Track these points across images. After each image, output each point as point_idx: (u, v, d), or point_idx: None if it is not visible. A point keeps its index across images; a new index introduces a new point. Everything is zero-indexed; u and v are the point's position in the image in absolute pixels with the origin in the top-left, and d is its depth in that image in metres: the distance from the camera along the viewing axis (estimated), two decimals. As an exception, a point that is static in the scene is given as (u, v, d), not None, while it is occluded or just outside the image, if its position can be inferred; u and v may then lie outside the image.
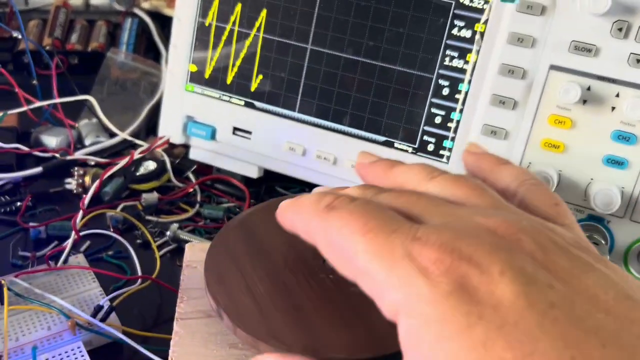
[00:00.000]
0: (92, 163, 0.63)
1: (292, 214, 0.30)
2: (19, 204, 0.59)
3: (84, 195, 0.53)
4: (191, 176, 0.66)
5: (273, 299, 0.38)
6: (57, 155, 0.61)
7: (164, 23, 0.89)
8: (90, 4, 0.97)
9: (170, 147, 0.67)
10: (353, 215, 0.25)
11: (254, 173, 0.64)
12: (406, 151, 0.57)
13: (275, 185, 0.67)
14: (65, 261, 0.52)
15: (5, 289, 0.47)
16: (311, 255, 0.46)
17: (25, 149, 0.62)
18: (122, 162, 0.57)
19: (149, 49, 0.85)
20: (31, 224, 0.57)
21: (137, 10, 0.88)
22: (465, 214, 0.25)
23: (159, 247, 0.57)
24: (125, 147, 0.68)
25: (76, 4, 0.95)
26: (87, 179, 0.61)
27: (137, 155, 0.59)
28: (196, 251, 0.52)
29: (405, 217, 0.25)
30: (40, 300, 0.48)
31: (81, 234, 0.55)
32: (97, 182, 0.54)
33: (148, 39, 0.86)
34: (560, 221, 0.28)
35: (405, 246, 0.23)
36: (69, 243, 0.52)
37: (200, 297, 0.47)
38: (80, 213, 0.51)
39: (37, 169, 0.62)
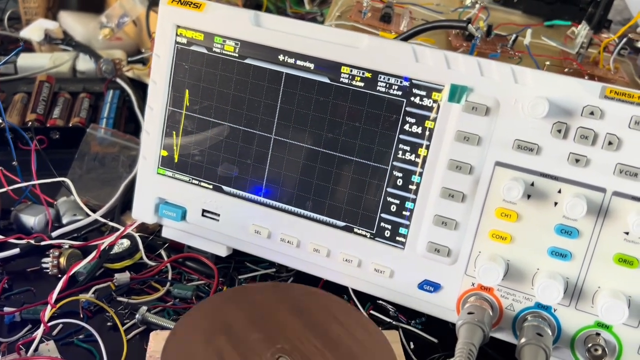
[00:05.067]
0: (67, 245, 0.65)
1: None
2: (-5, 286, 0.62)
3: (52, 291, 0.55)
4: (163, 253, 0.69)
5: None
6: (32, 241, 0.64)
7: (146, 92, 0.92)
8: (77, 70, 1.01)
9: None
10: None
11: (222, 252, 0.66)
12: (365, 236, 0.60)
13: (245, 261, 0.69)
14: (36, 349, 0.54)
15: (-26, 383, 0.49)
16: (267, 349, 0.49)
17: (1, 237, 0.64)
18: (92, 255, 0.60)
19: (130, 119, 0.89)
20: (6, 309, 0.59)
21: (119, 80, 0.92)
22: None
23: (129, 330, 0.59)
24: (101, 225, 0.71)
25: (63, 71, 0.99)
26: (62, 261, 0.64)
27: (105, 246, 0.61)
28: (160, 341, 0.55)
29: None
30: (8, 392, 0.50)
31: (54, 319, 0.57)
32: (65, 277, 0.56)
33: (129, 108, 0.90)
34: None
35: None
36: (38, 333, 0.54)
37: (160, 391, 0.49)
38: (49, 307, 0.54)
39: (15, 250, 0.65)
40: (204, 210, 0.65)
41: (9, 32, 1.15)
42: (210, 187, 0.64)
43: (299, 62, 0.58)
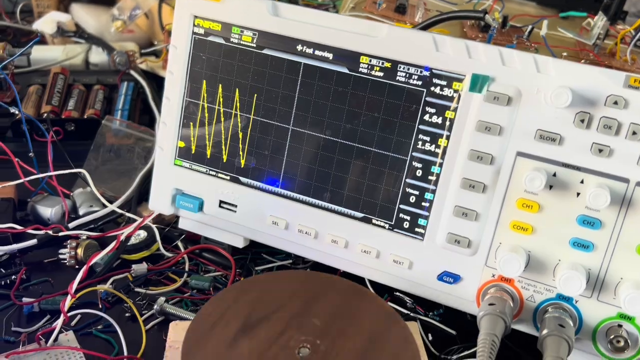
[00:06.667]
0: (84, 236, 0.65)
1: None
2: (13, 277, 0.62)
3: (72, 281, 0.55)
4: (180, 245, 0.69)
5: None
6: (50, 232, 0.64)
7: (160, 84, 0.92)
8: (89, 62, 1.01)
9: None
10: None
11: (239, 243, 0.66)
12: (383, 227, 0.59)
13: (261, 252, 0.69)
14: (56, 340, 0.54)
15: (-5, 373, 0.49)
16: (290, 339, 0.49)
17: (19, 228, 0.65)
18: (110, 246, 0.60)
19: (144, 111, 0.89)
20: (24, 299, 0.59)
21: (133, 72, 0.92)
22: None
23: (148, 320, 0.59)
24: (117, 216, 0.71)
25: (76, 63, 0.99)
26: (80, 251, 0.64)
27: (124, 237, 0.61)
28: (179, 330, 0.55)
29: None
30: (30, 382, 0.50)
31: (72, 309, 0.57)
32: (85, 267, 0.56)
33: (143, 100, 0.90)
34: None
35: None
36: (58, 323, 0.54)
37: (181, 381, 0.49)
38: (69, 297, 0.54)
39: (32, 241, 0.65)
40: (221, 202, 0.64)
41: (22, 24, 1.15)
42: (228, 178, 0.64)
43: (317, 52, 0.58)
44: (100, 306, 0.60)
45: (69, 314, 0.57)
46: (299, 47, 0.59)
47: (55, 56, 0.99)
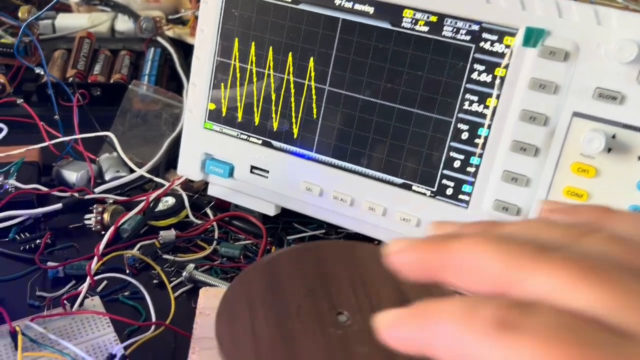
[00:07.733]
0: (111, 201, 0.63)
1: (419, 327, 0.21)
2: (38, 241, 0.60)
3: (99, 243, 0.53)
4: (209, 212, 0.66)
5: (274, 347, 0.38)
6: (76, 194, 0.61)
7: (187, 51, 0.90)
8: (115, 30, 0.98)
9: (190, 180, 0.67)
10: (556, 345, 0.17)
11: (271, 211, 0.63)
12: (424, 194, 0.56)
13: (293, 222, 0.66)
14: (81, 304, 0.52)
15: (19, 335, 0.47)
16: (327, 307, 0.45)
17: (44, 189, 0.62)
18: (138, 207, 0.58)
19: (172, 78, 0.86)
20: (49, 263, 0.57)
21: (160, 39, 0.89)
22: None
23: (175, 288, 0.57)
24: (145, 182, 0.68)
25: (101, 31, 0.97)
26: (106, 216, 0.62)
27: (152, 198, 0.59)
28: (210, 297, 0.52)
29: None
30: (55, 346, 0.48)
31: (98, 274, 0.55)
32: (112, 228, 0.54)
33: (171, 67, 0.87)
34: None
35: None
36: (84, 287, 0.52)
37: (212, 348, 0.46)
38: (95, 259, 0.52)
39: (57, 206, 0.62)
40: (252, 167, 0.62)
41: (46, -7, 1.13)
42: (260, 142, 0.61)
43: (357, 6, 0.55)
44: (127, 272, 0.58)
45: (95, 278, 0.55)
46: (337, 1, 0.55)
47: (81, 24, 0.97)
